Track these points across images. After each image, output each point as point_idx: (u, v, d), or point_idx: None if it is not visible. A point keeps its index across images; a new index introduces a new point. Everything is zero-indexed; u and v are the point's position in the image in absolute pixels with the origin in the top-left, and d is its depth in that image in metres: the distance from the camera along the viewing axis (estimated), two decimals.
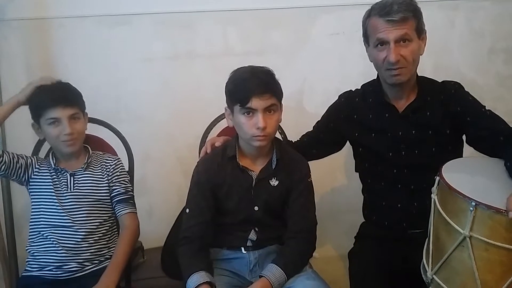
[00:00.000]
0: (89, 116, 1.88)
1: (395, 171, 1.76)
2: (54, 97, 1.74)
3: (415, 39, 1.65)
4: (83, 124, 1.81)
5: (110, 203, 1.85)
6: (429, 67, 2.35)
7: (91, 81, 2.30)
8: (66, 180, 1.80)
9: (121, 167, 1.89)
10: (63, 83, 1.82)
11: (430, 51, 1.76)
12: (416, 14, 1.65)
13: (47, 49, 2.30)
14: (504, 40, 2.55)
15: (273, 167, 1.69)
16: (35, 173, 1.81)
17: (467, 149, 1.75)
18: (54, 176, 1.80)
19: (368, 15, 1.70)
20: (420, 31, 1.67)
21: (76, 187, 1.80)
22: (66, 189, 1.79)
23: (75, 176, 1.81)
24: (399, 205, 1.76)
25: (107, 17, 2.31)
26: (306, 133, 1.95)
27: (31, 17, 2.27)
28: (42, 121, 1.75)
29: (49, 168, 1.82)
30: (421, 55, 1.69)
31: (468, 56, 2.53)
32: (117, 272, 1.69)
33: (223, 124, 2.02)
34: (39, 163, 1.83)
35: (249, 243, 1.71)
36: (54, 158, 1.83)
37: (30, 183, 1.81)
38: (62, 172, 1.81)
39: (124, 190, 1.86)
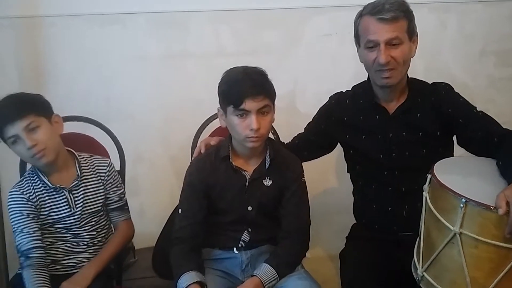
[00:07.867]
0: (80, 115, 1.85)
1: (386, 173, 1.76)
2: (1, 116, 1.60)
3: (406, 41, 1.65)
4: (46, 131, 1.62)
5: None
6: (421, 69, 2.35)
7: (82, 80, 2.29)
8: (66, 199, 1.71)
9: (114, 172, 1.85)
10: (7, 97, 1.65)
11: (422, 53, 1.77)
12: (407, 15, 1.65)
13: (37, 48, 2.28)
14: (495, 42, 2.57)
15: (267, 167, 1.69)
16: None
17: (458, 151, 1.75)
18: (50, 195, 1.70)
19: (360, 15, 1.70)
20: (411, 33, 1.66)
21: (77, 205, 1.72)
22: (69, 208, 1.71)
23: (73, 193, 1.73)
24: (389, 208, 1.76)
25: (99, 16, 2.29)
26: (297, 135, 1.94)
27: (21, 15, 2.24)
28: (8, 144, 1.62)
29: (44, 186, 1.70)
30: (412, 57, 1.69)
31: (460, 59, 2.55)
32: (93, 269, 1.67)
33: (215, 124, 2.02)
34: (31, 186, 1.69)
35: (241, 244, 1.71)
36: (43, 174, 1.70)
37: None
38: (58, 190, 1.71)
39: (118, 198, 1.84)
